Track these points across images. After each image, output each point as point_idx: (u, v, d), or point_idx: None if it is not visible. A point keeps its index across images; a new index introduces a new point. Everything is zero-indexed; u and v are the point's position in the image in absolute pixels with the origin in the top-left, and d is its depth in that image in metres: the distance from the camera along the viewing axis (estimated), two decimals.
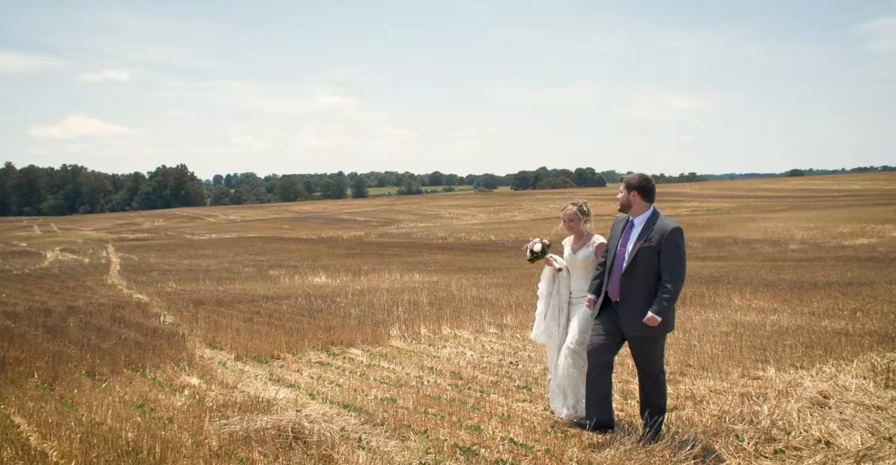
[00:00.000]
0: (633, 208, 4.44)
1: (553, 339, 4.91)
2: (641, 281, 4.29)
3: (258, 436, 4.58)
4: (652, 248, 4.26)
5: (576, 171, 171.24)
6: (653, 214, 4.41)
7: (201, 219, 77.07)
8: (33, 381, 6.58)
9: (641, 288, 4.29)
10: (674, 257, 4.24)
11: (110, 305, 11.48)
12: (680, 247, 4.27)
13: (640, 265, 4.29)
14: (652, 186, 4.45)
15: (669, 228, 4.28)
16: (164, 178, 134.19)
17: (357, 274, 17.44)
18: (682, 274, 4.28)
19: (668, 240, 4.25)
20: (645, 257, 4.28)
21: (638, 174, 4.50)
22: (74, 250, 34.10)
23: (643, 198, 4.41)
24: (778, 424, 4.59)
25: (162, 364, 6.91)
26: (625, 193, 4.46)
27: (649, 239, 4.28)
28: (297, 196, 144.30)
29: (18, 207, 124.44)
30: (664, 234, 4.26)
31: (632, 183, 4.44)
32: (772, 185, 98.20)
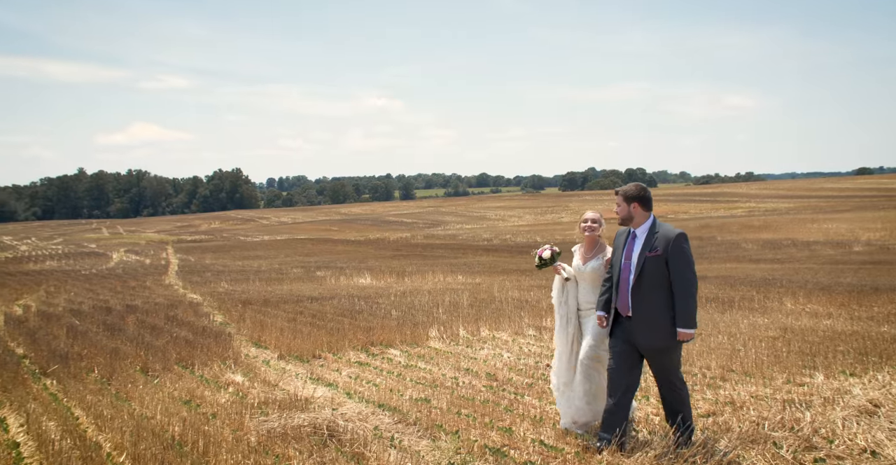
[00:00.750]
0: (635, 220, 4.33)
1: (560, 347, 4.78)
2: (652, 292, 4.18)
3: (295, 433, 4.74)
4: (659, 257, 4.17)
5: (626, 171, 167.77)
6: (654, 223, 4.32)
7: (255, 221, 79.37)
8: (93, 376, 6.98)
9: (653, 299, 4.17)
10: (682, 263, 4.14)
11: (165, 304, 12.01)
12: (687, 252, 4.18)
13: (649, 276, 4.18)
14: (650, 195, 4.36)
15: (673, 234, 4.19)
16: (221, 181, 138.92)
17: (401, 275, 17.64)
18: (694, 280, 4.17)
19: (673, 247, 4.15)
20: (652, 266, 4.18)
21: (634, 185, 4.40)
22: (137, 252, 35.74)
23: (643, 208, 4.32)
24: (820, 432, 4.44)
25: (209, 362, 7.20)
26: (624, 205, 4.33)
27: (654, 248, 4.19)
28: (347, 198, 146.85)
29: (89, 211, 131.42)
30: (669, 241, 4.16)
31: (630, 194, 4.32)
32: (836, 184, 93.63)
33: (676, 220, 53.15)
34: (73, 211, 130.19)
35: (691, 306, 4.12)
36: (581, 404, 4.64)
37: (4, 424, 5.52)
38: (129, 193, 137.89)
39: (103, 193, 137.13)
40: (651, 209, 4.35)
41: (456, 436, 4.65)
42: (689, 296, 4.12)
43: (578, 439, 4.55)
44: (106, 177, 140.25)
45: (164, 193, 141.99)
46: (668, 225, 4.29)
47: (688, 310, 4.11)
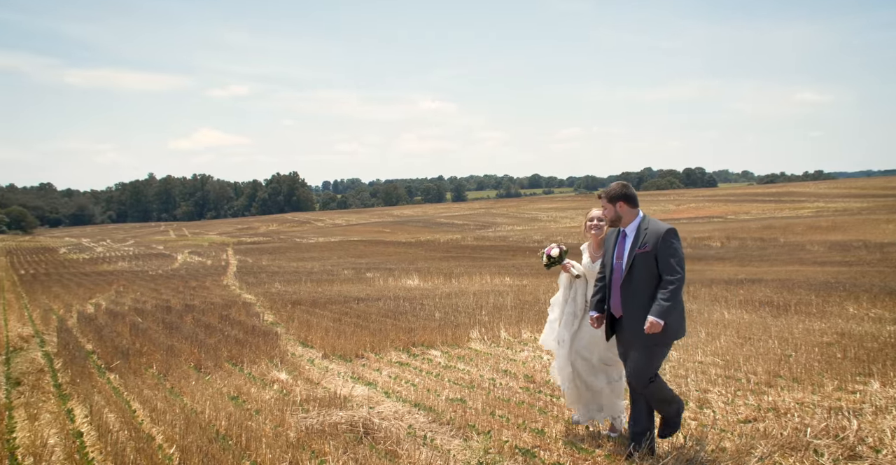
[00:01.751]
0: (623, 219, 4.25)
1: (563, 347, 4.73)
2: (642, 289, 4.10)
3: (332, 430, 4.90)
4: (648, 253, 4.09)
5: (684, 171, 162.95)
6: (643, 220, 4.23)
7: (310, 223, 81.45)
8: (151, 371, 7.39)
9: (643, 296, 4.10)
10: (671, 258, 4.04)
11: (221, 304, 12.54)
12: (676, 248, 4.07)
13: (639, 273, 4.11)
14: (633, 191, 4.27)
15: (663, 230, 4.10)
16: (279, 185, 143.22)
17: (448, 277, 17.78)
18: (682, 274, 4.04)
19: (662, 242, 4.06)
20: (642, 263, 4.10)
21: (616, 184, 4.31)
22: (200, 253, 37.34)
23: (629, 205, 4.23)
24: (867, 441, 4.26)
25: (257, 360, 7.50)
26: (610, 206, 4.26)
27: (644, 245, 4.11)
28: (399, 200, 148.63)
29: (158, 214, 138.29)
30: (658, 237, 4.08)
31: (613, 194, 4.24)
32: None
33: (737, 221, 51.29)
34: (143, 214, 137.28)
35: (670, 298, 3.98)
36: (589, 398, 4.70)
37: (72, 414, 5.94)
38: (194, 197, 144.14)
39: (171, 196, 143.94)
40: (637, 206, 4.26)
41: (488, 436, 4.71)
42: (672, 289, 3.98)
43: (610, 442, 4.52)
44: (173, 181, 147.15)
45: (225, 196, 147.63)
46: (657, 221, 4.19)
47: (666, 301, 3.98)
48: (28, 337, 10.53)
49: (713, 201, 77.17)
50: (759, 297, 11.62)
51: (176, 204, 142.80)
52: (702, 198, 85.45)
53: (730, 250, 28.84)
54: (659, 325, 4.00)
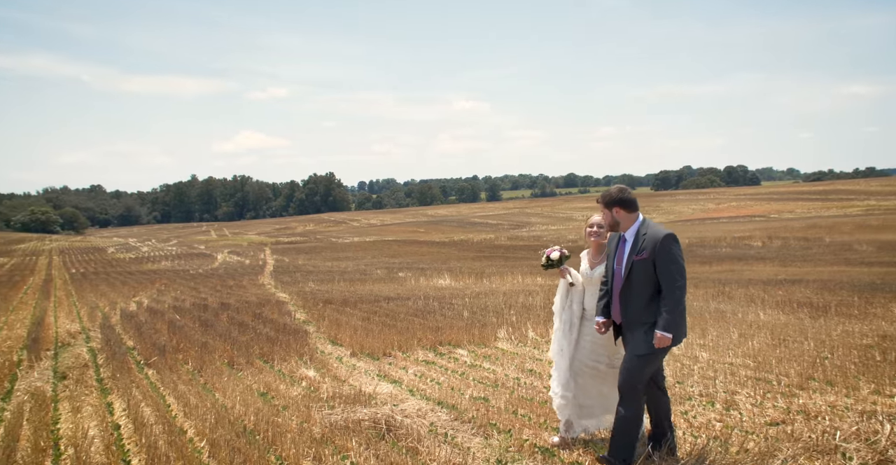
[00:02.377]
0: (622, 224, 4.13)
1: (564, 357, 4.58)
2: (640, 296, 3.97)
3: (355, 426, 5.00)
4: (646, 260, 3.95)
5: (725, 169, 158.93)
6: (642, 224, 4.09)
7: (346, 223, 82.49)
8: (186, 367, 7.64)
9: (641, 305, 3.97)
10: (669, 266, 3.90)
11: (255, 302, 12.85)
12: (674, 254, 3.91)
13: (637, 280, 3.98)
14: (630, 196, 4.12)
15: (661, 235, 3.94)
16: (315, 185, 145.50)
17: (480, 277, 17.79)
18: (682, 283, 3.90)
19: (660, 249, 3.91)
20: (640, 270, 3.97)
21: (614, 188, 4.17)
22: (239, 253, 38.22)
23: (626, 210, 4.10)
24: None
25: (287, 358, 7.67)
26: (607, 212, 4.15)
27: (641, 251, 3.97)
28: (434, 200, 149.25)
29: (200, 214, 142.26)
30: (656, 243, 3.93)
31: (609, 199, 4.12)
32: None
33: (780, 220, 49.79)
34: (186, 215, 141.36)
35: (675, 310, 3.86)
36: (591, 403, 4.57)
37: (111, 408, 6.20)
38: (234, 198, 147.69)
39: (212, 197, 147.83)
40: (636, 210, 4.12)
41: (508, 435, 4.73)
42: (673, 300, 3.86)
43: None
44: (214, 183, 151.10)
45: (264, 196, 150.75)
46: (657, 226, 4.05)
47: (670, 313, 3.85)
48: (75, 333, 10.98)
49: (755, 200, 75.09)
50: (798, 298, 11.30)
51: (217, 205, 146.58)
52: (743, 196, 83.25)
53: (771, 249, 28.03)
54: (668, 339, 3.88)
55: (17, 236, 76.28)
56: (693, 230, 45.18)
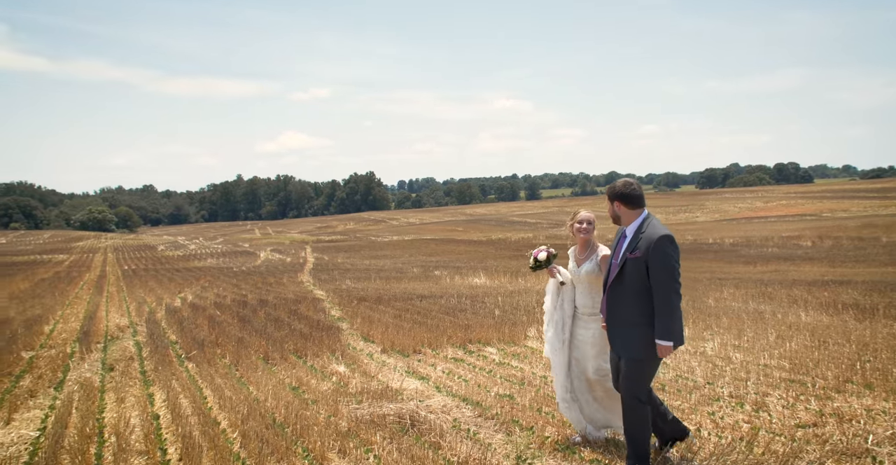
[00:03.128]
0: (622, 219, 4.03)
1: (556, 356, 4.53)
2: (629, 295, 3.86)
3: (380, 421, 5.11)
4: (638, 259, 3.81)
5: (775, 166, 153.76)
6: (643, 222, 3.95)
7: (385, 222, 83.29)
8: (224, 361, 7.91)
9: (629, 304, 3.86)
10: (661, 267, 3.72)
11: (292, 299, 13.16)
12: (669, 256, 3.73)
13: (627, 279, 3.86)
14: (634, 191, 3.98)
15: (656, 236, 3.77)
16: (356, 184, 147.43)
17: (515, 276, 17.76)
18: (675, 288, 3.72)
19: (654, 249, 3.74)
20: (631, 269, 3.84)
21: (620, 181, 4.07)
22: (281, 251, 39.07)
23: (627, 206, 3.98)
24: None
25: (320, 353, 7.86)
26: (609, 205, 4.05)
27: (636, 249, 3.84)
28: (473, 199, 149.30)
29: (245, 213, 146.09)
30: (650, 243, 3.77)
31: (612, 193, 4.03)
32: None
33: (833, 219, 47.91)
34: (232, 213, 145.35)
35: (671, 317, 3.72)
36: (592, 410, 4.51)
37: (152, 398, 6.48)
38: (277, 197, 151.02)
39: (256, 197, 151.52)
40: (640, 206, 3.98)
41: (530, 432, 4.75)
42: (668, 305, 3.71)
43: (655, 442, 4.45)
44: (259, 182, 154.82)
45: (306, 196, 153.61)
46: (656, 225, 3.89)
47: (667, 321, 3.71)
48: (124, 327, 11.47)
49: (807, 198, 72.41)
50: (844, 299, 10.91)
51: (261, 204, 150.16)
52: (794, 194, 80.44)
53: (821, 250, 27.03)
54: (669, 348, 3.74)
55: (77, 233, 79.87)
56: (739, 229, 43.94)
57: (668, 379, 6.15)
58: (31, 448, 5.20)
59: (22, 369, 8.11)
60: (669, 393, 5.64)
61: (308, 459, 4.48)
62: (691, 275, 17.32)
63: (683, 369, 6.55)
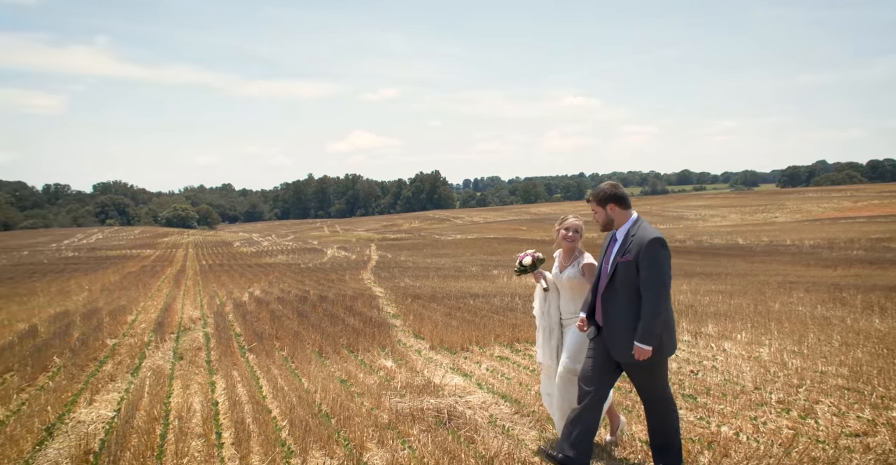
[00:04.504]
0: (616, 222, 3.93)
1: (546, 361, 4.51)
2: (622, 301, 3.79)
3: (420, 414, 5.29)
4: (629, 262, 3.74)
5: (868, 163, 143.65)
6: (633, 224, 3.88)
7: (449, 221, 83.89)
8: (281, 354, 8.33)
9: (623, 309, 3.79)
10: (652, 271, 3.65)
11: (350, 296, 13.60)
12: (659, 259, 3.66)
13: (620, 283, 3.79)
14: (624, 192, 3.93)
15: (648, 238, 3.70)
16: (421, 183, 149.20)
17: None
18: (664, 291, 3.65)
19: (645, 252, 3.68)
20: (623, 273, 3.77)
21: (606, 184, 3.99)
22: (347, 248, 40.19)
23: (621, 207, 3.90)
24: None
25: (371, 348, 8.15)
26: (600, 210, 3.93)
27: (627, 252, 3.77)
28: (538, 198, 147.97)
29: (315, 211, 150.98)
30: (642, 245, 3.70)
31: (603, 196, 3.92)
32: None
33: None
34: (303, 211, 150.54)
35: (652, 320, 3.64)
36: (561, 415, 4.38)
37: (214, 386, 6.93)
38: (346, 196, 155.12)
39: (326, 195, 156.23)
40: (630, 208, 3.92)
41: None
42: (653, 308, 3.64)
43: (691, 442, 4.41)
44: (328, 181, 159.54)
45: (373, 194, 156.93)
46: (647, 226, 3.82)
47: (648, 324, 3.64)
48: (196, 319, 12.23)
49: None
50: None
51: (330, 202, 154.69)
52: (888, 193, 75.07)
53: None
54: (646, 351, 3.69)
55: (163, 230, 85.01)
56: (821, 231, 41.51)
57: (715, 383, 6.02)
58: (108, 427, 5.69)
59: (105, 355, 8.82)
60: (713, 396, 5.53)
61: (348, 447, 4.71)
62: (760, 278, 16.62)
63: (733, 373, 6.38)
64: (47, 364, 8.01)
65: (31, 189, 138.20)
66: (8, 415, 5.85)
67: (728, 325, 8.91)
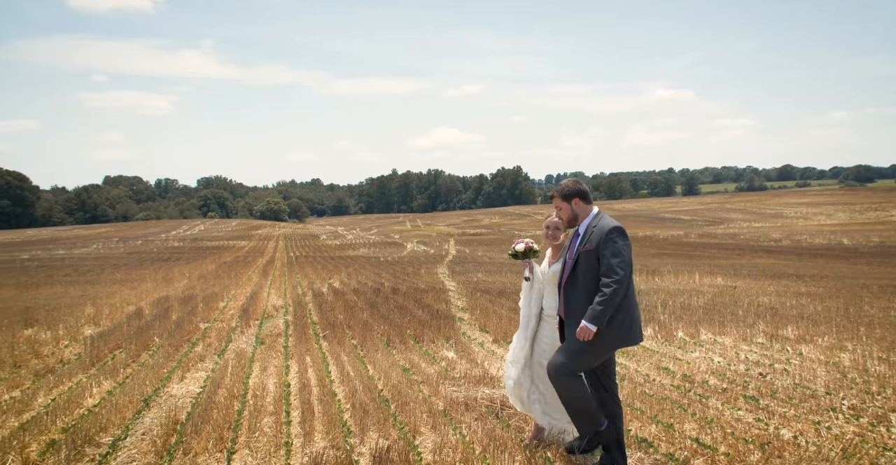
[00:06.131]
0: (581, 216, 3.99)
1: (517, 351, 4.53)
2: (583, 290, 3.82)
3: (473, 403, 5.47)
4: (590, 251, 3.81)
5: None
6: (594, 217, 3.96)
7: (530, 216, 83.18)
8: (351, 342, 8.76)
9: (584, 298, 3.81)
10: (612, 258, 3.71)
11: (422, 289, 13.96)
12: (619, 247, 3.73)
13: (582, 272, 3.83)
14: (586, 187, 4.00)
15: (607, 228, 3.79)
16: (503, 179, 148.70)
17: (651, 274, 17.12)
18: (622, 277, 3.68)
19: (605, 241, 3.75)
20: (584, 262, 3.83)
21: (568, 180, 4.05)
22: (427, 243, 40.96)
23: (585, 202, 3.99)
24: None
25: (436, 340, 8.40)
26: (565, 205, 3.97)
27: (588, 242, 3.83)
28: (623, 194, 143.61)
29: (398, 206, 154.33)
30: (602, 235, 3.79)
31: (567, 191, 3.99)
32: None
33: None
34: (386, 206, 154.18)
35: (605, 301, 3.68)
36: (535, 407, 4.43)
37: (288, 369, 7.43)
38: (428, 191, 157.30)
39: (409, 190, 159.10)
40: (592, 203, 4.02)
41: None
42: (609, 292, 3.67)
43: (738, 440, 4.32)
44: (411, 176, 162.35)
45: (455, 189, 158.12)
46: (607, 218, 3.90)
47: (600, 305, 3.69)
48: (279, 307, 13.01)
49: None
50: None
51: (413, 197, 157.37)
52: None
53: None
54: (589, 331, 3.73)
55: (257, 222, 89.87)
56: None
57: (783, 386, 5.79)
58: (194, 401, 6.26)
59: (197, 337, 9.61)
60: (778, 399, 5.33)
61: (402, 430, 4.96)
62: (860, 281, 15.48)
63: (805, 377, 6.11)
64: (149, 343, 8.84)
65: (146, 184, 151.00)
66: (115, 387, 6.55)
67: (810, 328, 8.46)
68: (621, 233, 3.82)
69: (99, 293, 15.38)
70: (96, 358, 7.86)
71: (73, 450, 4.54)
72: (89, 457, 4.50)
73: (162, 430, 4.99)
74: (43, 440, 4.79)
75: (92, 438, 4.80)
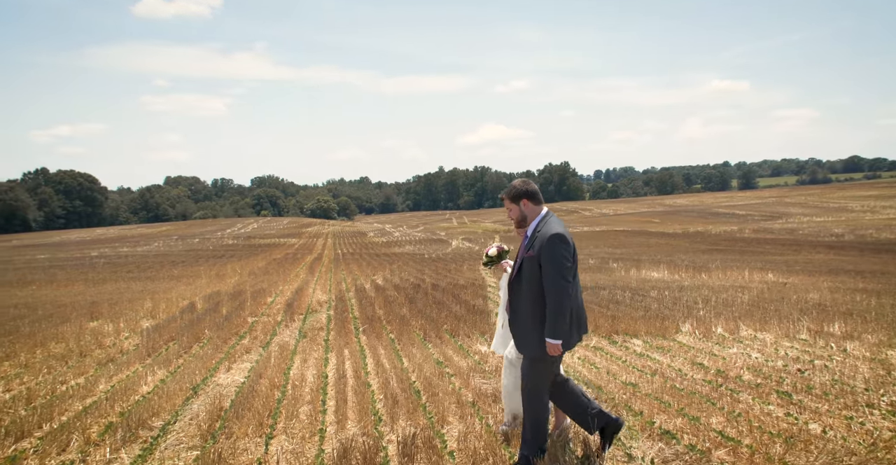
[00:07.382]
0: (529, 217, 3.95)
1: (498, 352, 4.63)
2: (525, 296, 3.81)
3: (498, 394, 5.58)
4: (533, 258, 3.75)
5: None
6: (541, 219, 3.90)
7: (577, 212, 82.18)
8: (389, 336, 8.99)
9: (526, 304, 3.81)
10: (549, 267, 3.64)
11: (461, 285, 14.10)
12: (557, 255, 3.65)
13: (524, 278, 3.82)
14: (535, 188, 3.96)
15: (548, 234, 3.70)
16: (550, 174, 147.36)
17: (700, 271, 16.75)
18: (563, 287, 3.63)
19: (546, 248, 3.69)
20: (528, 268, 3.79)
21: (517, 181, 3.99)
22: (471, 240, 41.09)
23: (533, 203, 3.94)
24: None
25: (471, 334, 8.53)
26: (514, 206, 3.90)
27: (531, 248, 3.79)
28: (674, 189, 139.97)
29: (445, 203, 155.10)
30: (543, 241, 3.72)
31: (515, 192, 3.94)
32: None
33: None
34: (433, 203, 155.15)
35: (559, 315, 3.64)
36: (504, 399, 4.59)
37: (327, 361, 7.71)
38: (474, 188, 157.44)
39: (455, 187, 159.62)
40: (541, 204, 3.96)
41: (638, 416, 4.85)
42: (556, 303, 3.63)
43: (766, 434, 4.28)
44: (458, 173, 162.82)
45: (502, 186, 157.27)
46: (553, 222, 3.83)
47: (555, 319, 3.64)
48: (322, 303, 13.41)
49: None
50: None
51: (459, 194, 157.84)
52: None
53: None
54: (558, 347, 3.73)
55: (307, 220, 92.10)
56: None
57: (821, 382, 5.66)
58: (238, 390, 6.60)
59: (245, 330, 10.04)
60: (813, 395, 5.23)
61: (430, 419, 5.13)
62: None
63: (846, 373, 5.95)
64: (200, 336, 9.31)
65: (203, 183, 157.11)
66: (167, 375, 6.97)
67: (859, 325, 8.17)
68: (562, 240, 3.74)
69: (157, 289, 16.19)
70: (152, 349, 8.34)
71: (128, 432, 4.91)
72: (142, 439, 4.86)
73: (207, 416, 5.30)
74: (102, 423, 5.19)
75: (145, 422, 5.16)
